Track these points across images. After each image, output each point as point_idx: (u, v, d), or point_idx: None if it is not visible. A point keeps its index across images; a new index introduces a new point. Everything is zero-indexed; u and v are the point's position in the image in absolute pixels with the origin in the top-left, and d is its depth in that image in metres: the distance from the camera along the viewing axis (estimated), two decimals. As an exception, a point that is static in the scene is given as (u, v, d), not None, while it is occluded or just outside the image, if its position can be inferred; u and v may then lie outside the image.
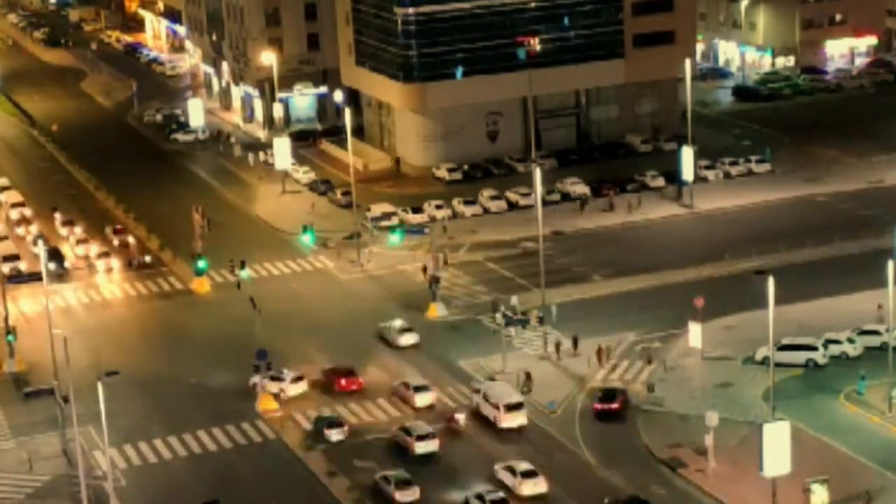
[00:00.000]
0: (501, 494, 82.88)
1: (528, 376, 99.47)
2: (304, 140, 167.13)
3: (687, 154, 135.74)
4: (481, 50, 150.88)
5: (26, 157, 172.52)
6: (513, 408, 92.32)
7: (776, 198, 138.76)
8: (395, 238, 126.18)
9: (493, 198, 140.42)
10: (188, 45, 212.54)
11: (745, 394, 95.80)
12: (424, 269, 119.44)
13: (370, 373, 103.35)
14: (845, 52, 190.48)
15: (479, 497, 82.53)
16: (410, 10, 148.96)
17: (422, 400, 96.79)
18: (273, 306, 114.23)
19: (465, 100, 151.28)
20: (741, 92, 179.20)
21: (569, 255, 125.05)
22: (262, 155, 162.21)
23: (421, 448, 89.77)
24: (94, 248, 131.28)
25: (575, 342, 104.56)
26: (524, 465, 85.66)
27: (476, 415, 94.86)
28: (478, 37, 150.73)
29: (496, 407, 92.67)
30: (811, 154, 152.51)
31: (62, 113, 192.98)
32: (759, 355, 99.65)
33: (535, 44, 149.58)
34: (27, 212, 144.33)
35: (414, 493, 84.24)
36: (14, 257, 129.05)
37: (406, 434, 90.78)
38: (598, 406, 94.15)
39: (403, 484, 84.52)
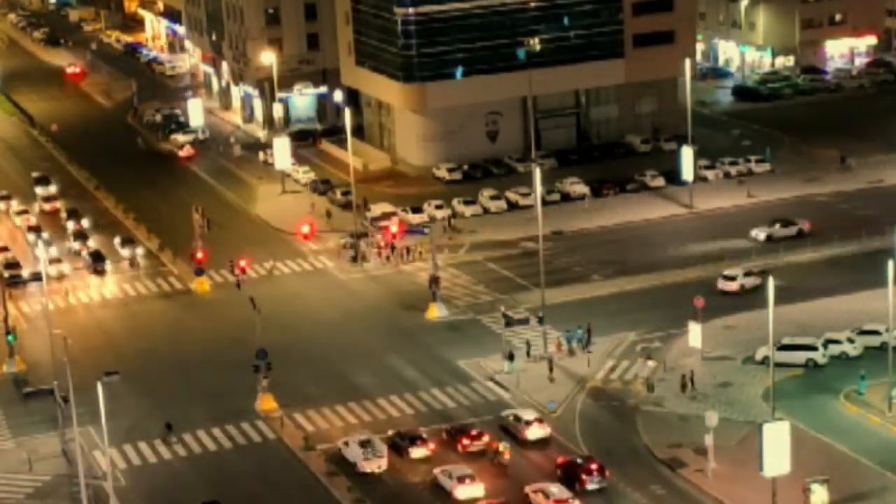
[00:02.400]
0: None
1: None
2: (303, 140, 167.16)
3: (687, 154, 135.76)
4: (481, 50, 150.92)
5: (26, 157, 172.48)
6: None
7: (776, 198, 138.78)
8: None
9: (492, 198, 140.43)
10: (188, 44, 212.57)
11: (745, 394, 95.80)
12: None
13: (370, 374, 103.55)
14: (845, 52, 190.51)
15: None
16: (410, 10, 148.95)
17: None
18: (273, 306, 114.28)
19: (465, 100, 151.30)
20: (741, 92, 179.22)
21: (569, 255, 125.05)
22: (261, 155, 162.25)
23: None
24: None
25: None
26: None
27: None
28: (478, 37, 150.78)
29: None
30: (811, 154, 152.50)
31: (62, 113, 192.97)
32: (759, 355, 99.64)
33: (535, 43, 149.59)
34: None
35: None
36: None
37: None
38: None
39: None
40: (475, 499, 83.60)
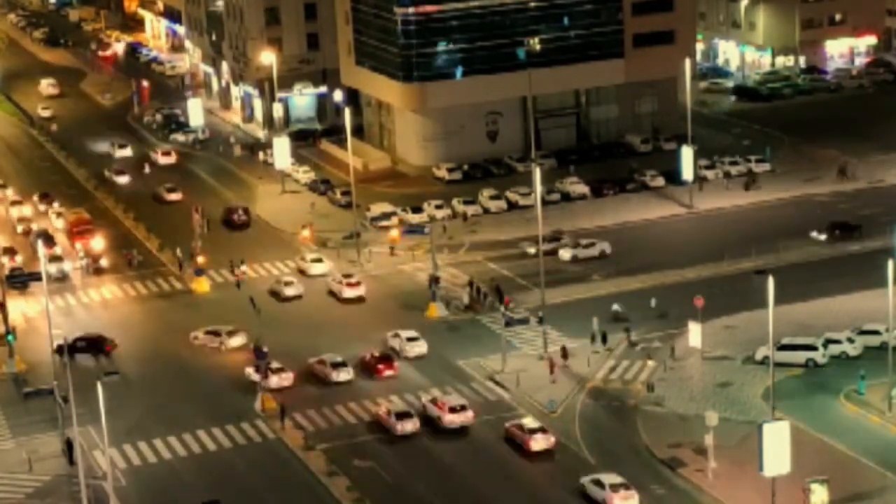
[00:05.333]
0: None
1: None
2: (303, 140, 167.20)
3: (687, 154, 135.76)
4: (481, 50, 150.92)
5: (26, 157, 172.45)
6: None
7: (776, 198, 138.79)
8: None
9: (492, 197, 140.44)
10: (188, 44, 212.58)
11: (745, 394, 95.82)
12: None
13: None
14: (845, 51, 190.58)
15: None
16: (410, 10, 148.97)
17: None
18: (272, 306, 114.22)
19: (465, 100, 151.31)
20: (741, 92, 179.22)
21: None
22: (261, 155, 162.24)
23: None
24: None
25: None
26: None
27: None
28: (477, 37, 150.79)
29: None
30: (811, 154, 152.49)
31: (62, 113, 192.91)
32: (759, 355, 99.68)
33: (536, 43, 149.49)
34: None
35: None
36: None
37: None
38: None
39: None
40: None
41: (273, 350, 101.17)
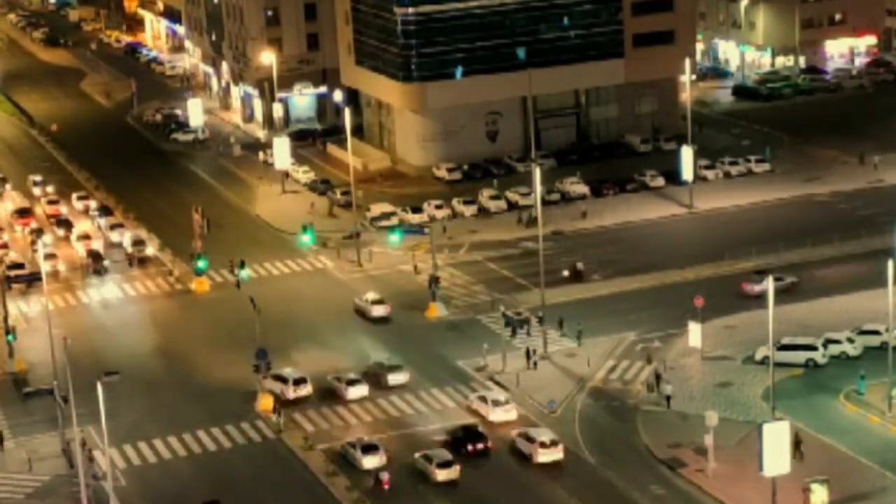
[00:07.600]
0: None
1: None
2: (303, 140, 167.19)
3: (687, 154, 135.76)
4: (480, 50, 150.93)
5: (26, 157, 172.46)
6: None
7: (776, 198, 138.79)
8: (394, 238, 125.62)
9: (492, 197, 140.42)
10: (188, 44, 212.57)
11: (745, 394, 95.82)
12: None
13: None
14: (845, 51, 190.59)
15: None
16: (410, 10, 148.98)
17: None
18: (273, 306, 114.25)
19: (465, 100, 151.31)
20: (741, 92, 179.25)
21: (569, 255, 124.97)
22: (261, 155, 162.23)
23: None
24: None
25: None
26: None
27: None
28: (477, 37, 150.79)
29: None
30: (811, 154, 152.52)
31: (62, 113, 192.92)
32: (758, 355, 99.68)
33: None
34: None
35: None
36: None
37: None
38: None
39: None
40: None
41: (273, 352, 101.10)
